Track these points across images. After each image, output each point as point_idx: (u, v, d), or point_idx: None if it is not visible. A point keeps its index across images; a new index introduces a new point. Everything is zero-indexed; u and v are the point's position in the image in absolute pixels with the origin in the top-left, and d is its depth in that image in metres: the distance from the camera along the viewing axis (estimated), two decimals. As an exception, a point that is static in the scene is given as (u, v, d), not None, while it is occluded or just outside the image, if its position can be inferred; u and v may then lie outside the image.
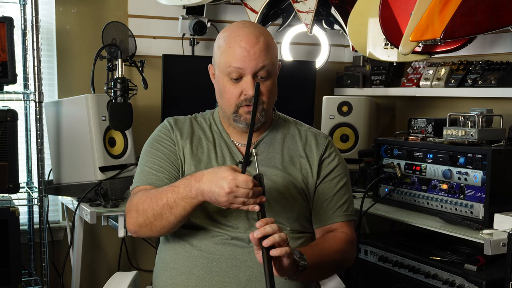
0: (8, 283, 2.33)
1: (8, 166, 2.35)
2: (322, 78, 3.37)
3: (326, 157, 1.73)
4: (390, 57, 2.64)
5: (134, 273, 1.85)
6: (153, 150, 1.68)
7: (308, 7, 2.91)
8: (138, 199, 1.56)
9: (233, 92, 1.60)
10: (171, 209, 1.49)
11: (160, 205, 1.50)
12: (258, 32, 1.61)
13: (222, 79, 1.62)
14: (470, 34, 2.20)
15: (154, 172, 1.64)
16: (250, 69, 1.58)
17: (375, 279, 2.42)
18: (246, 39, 1.58)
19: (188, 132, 1.71)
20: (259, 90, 1.57)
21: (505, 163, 2.15)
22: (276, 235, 1.36)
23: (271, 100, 1.65)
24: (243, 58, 1.57)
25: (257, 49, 1.57)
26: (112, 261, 3.00)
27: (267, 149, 1.71)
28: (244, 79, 1.59)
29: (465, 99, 2.75)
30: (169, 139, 1.69)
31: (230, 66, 1.58)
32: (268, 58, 1.59)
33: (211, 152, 1.68)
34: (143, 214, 1.53)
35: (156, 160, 1.66)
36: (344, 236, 1.68)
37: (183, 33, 3.02)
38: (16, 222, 2.34)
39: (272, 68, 1.62)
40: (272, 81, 1.64)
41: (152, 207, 1.51)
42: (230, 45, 1.59)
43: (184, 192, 1.47)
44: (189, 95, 2.74)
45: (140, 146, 1.80)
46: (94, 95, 2.48)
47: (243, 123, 1.63)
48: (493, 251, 1.94)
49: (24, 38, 2.68)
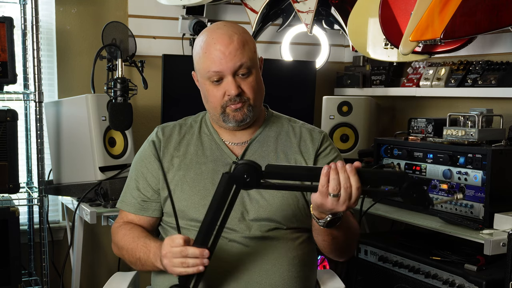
0: (8, 283, 2.33)
1: (8, 166, 2.34)
2: (322, 78, 3.37)
3: (322, 151, 1.72)
4: (390, 57, 2.64)
5: (134, 273, 1.85)
6: (137, 170, 1.74)
7: (308, 7, 2.91)
8: (119, 239, 1.69)
9: (216, 95, 1.61)
10: (142, 265, 1.62)
11: (134, 258, 1.63)
12: (231, 31, 1.61)
13: (205, 84, 1.64)
14: (470, 34, 2.20)
15: (133, 198, 1.73)
16: (229, 69, 1.58)
17: (375, 279, 2.42)
18: (220, 40, 1.59)
19: (176, 141, 1.72)
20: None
21: (505, 163, 2.15)
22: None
23: (257, 96, 1.64)
24: (220, 61, 1.58)
25: (232, 49, 1.58)
26: (112, 261, 3.00)
27: (260, 148, 1.70)
28: (225, 80, 1.60)
29: (465, 99, 2.75)
30: (153, 159, 1.71)
31: (209, 71, 1.60)
32: (245, 56, 1.59)
33: (200, 157, 1.69)
34: (121, 255, 1.71)
35: (140, 183, 1.72)
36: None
37: (183, 33, 3.02)
38: (16, 222, 2.34)
39: (252, 63, 1.62)
40: (254, 76, 1.63)
41: (128, 254, 1.66)
42: (206, 49, 1.60)
43: (153, 258, 1.56)
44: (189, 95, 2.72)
45: (140, 146, 1.81)
46: (94, 95, 2.48)
47: (233, 121, 1.63)
48: (493, 251, 1.95)
49: (24, 38, 2.68)
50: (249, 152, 1.69)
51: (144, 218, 1.72)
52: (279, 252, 1.62)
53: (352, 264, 2.52)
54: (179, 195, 1.65)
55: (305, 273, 1.67)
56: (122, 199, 1.76)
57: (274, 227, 1.62)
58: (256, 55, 1.66)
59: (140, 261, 1.61)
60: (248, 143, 1.70)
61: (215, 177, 1.65)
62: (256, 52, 1.66)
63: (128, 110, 2.42)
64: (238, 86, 1.59)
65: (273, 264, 1.60)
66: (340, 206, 1.35)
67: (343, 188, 1.34)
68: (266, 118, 1.75)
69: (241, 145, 1.70)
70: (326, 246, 1.59)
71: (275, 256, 1.61)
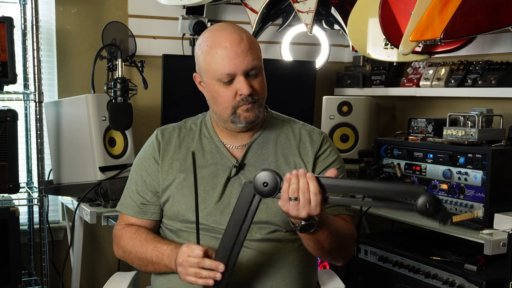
0: (8, 283, 2.33)
1: (8, 166, 2.34)
2: (322, 78, 3.37)
3: (321, 154, 1.70)
4: (390, 57, 2.64)
5: (134, 273, 1.86)
6: (137, 173, 1.73)
7: (308, 7, 2.91)
8: (125, 243, 1.68)
9: (227, 95, 1.57)
10: (154, 267, 1.62)
11: (145, 260, 1.63)
12: (239, 30, 1.59)
13: (213, 85, 1.59)
14: (470, 34, 2.20)
15: (133, 201, 1.72)
16: (241, 69, 1.55)
17: (375, 279, 2.42)
18: (230, 40, 1.55)
19: (176, 144, 1.70)
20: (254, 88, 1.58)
21: (505, 163, 2.15)
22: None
23: (265, 96, 1.64)
24: (233, 60, 1.54)
25: (243, 48, 1.55)
26: (112, 261, 3.00)
27: (260, 151, 1.68)
28: (237, 79, 1.56)
29: (465, 99, 2.75)
30: (153, 162, 1.70)
31: (222, 73, 1.54)
32: (255, 55, 1.58)
33: (200, 160, 1.67)
34: (128, 258, 1.69)
35: (139, 186, 1.72)
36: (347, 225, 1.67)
37: (183, 33, 3.02)
38: (16, 222, 2.34)
39: (260, 63, 1.61)
40: (263, 76, 1.62)
41: (137, 258, 1.65)
42: (215, 49, 1.55)
43: (167, 261, 1.57)
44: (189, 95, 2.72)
45: (140, 146, 1.81)
46: (94, 95, 2.48)
47: (243, 122, 1.60)
48: (493, 251, 1.95)
49: (24, 38, 2.68)
50: (249, 155, 1.67)
51: (145, 221, 1.72)
52: (280, 254, 1.62)
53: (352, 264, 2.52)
54: (179, 199, 1.64)
55: (306, 274, 1.67)
56: (122, 202, 1.76)
57: (274, 229, 1.62)
58: (261, 56, 1.65)
59: (153, 264, 1.61)
60: (248, 145, 1.68)
61: (215, 180, 1.64)
62: (261, 52, 1.66)
63: (128, 110, 2.42)
64: (250, 86, 1.56)
65: (274, 266, 1.60)
66: (301, 211, 1.36)
67: (301, 192, 1.35)
68: (265, 119, 1.73)
69: (241, 148, 1.69)
70: (313, 251, 1.56)
71: (276, 258, 1.61)
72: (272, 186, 1.36)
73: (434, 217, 1.29)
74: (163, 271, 1.62)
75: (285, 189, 1.36)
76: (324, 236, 1.48)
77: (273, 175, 1.36)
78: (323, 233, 1.48)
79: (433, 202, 1.28)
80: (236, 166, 1.64)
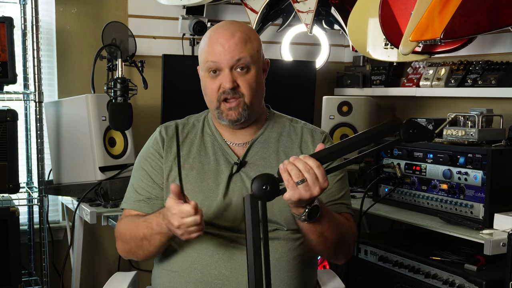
0: (8, 283, 2.33)
1: (8, 166, 2.35)
2: (322, 78, 3.37)
3: None
4: (390, 57, 2.64)
5: (134, 273, 1.86)
6: (142, 169, 1.72)
7: (308, 7, 2.91)
8: (121, 229, 1.67)
9: (212, 87, 1.62)
10: (149, 242, 1.58)
11: (139, 238, 1.59)
12: (235, 28, 1.63)
13: (203, 77, 1.66)
14: (470, 34, 2.20)
15: (138, 195, 1.70)
16: (226, 62, 1.59)
17: (375, 279, 2.42)
18: (222, 35, 1.61)
19: (179, 140, 1.71)
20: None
21: (505, 163, 2.15)
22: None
23: (253, 95, 1.63)
24: (219, 52, 1.59)
25: (232, 43, 1.59)
26: (112, 261, 3.00)
27: (262, 149, 1.69)
28: (222, 73, 1.60)
29: (465, 99, 2.75)
30: (158, 156, 1.70)
31: (208, 61, 1.61)
32: (245, 51, 1.60)
33: (202, 157, 1.68)
34: (127, 244, 1.65)
35: (143, 182, 1.70)
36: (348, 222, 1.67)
37: (183, 33, 3.02)
38: (16, 222, 2.34)
39: (252, 61, 1.61)
40: (254, 75, 1.62)
41: (133, 239, 1.61)
42: (209, 43, 1.63)
43: (157, 228, 1.53)
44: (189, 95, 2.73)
45: (140, 146, 1.81)
46: (94, 95, 2.48)
47: (226, 120, 1.63)
48: (493, 251, 1.94)
49: (24, 38, 2.68)
50: (251, 153, 1.68)
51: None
52: (280, 253, 1.62)
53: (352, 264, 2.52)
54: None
55: (306, 273, 1.67)
56: (126, 199, 1.74)
57: (275, 228, 1.62)
58: (259, 55, 1.66)
59: (145, 237, 1.57)
60: (249, 144, 1.70)
61: (218, 177, 1.65)
62: (259, 51, 1.66)
63: (128, 110, 2.42)
64: (233, 80, 1.59)
65: (274, 265, 1.60)
66: (313, 189, 1.37)
67: (305, 172, 1.36)
68: (267, 118, 1.75)
69: (242, 145, 1.70)
70: (316, 245, 1.56)
71: (276, 257, 1.61)
72: (272, 185, 1.35)
73: (420, 138, 1.45)
74: (162, 243, 1.58)
75: (287, 178, 1.36)
76: (326, 227, 1.51)
77: (267, 176, 1.35)
78: (326, 224, 1.50)
79: (413, 126, 1.44)
80: (237, 163, 1.65)
